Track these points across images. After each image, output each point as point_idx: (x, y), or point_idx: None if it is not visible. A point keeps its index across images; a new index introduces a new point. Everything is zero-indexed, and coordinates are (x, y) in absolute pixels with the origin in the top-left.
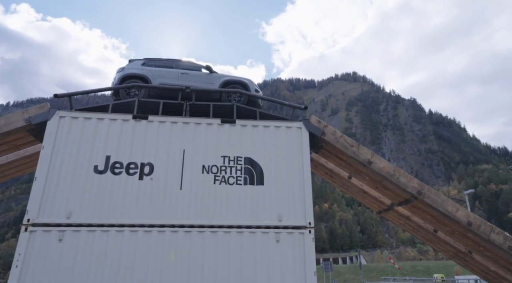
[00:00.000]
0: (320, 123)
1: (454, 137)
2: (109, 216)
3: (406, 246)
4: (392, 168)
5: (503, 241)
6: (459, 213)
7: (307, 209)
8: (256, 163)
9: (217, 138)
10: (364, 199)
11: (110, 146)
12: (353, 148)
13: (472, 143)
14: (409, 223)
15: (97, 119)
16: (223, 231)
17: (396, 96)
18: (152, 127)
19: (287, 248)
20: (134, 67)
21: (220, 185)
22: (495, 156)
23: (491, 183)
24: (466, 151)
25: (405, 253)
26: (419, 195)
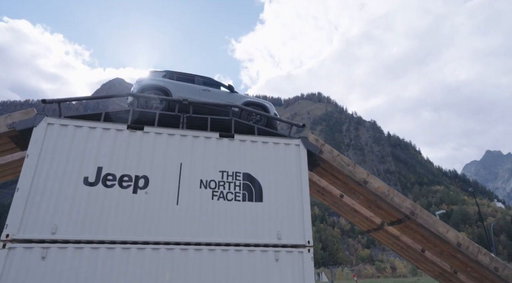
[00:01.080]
0: (317, 141)
1: (410, 159)
2: (99, 231)
3: (365, 263)
4: (387, 188)
5: (490, 261)
6: (449, 233)
7: (306, 227)
8: (255, 179)
9: (215, 152)
10: (354, 218)
11: (102, 157)
12: (350, 167)
13: (426, 165)
14: (397, 242)
15: (89, 128)
16: (221, 249)
17: (358, 118)
18: (148, 139)
19: (287, 267)
20: (155, 79)
21: (218, 200)
22: (446, 178)
23: (443, 204)
24: (421, 173)
25: (364, 271)
26: (412, 215)
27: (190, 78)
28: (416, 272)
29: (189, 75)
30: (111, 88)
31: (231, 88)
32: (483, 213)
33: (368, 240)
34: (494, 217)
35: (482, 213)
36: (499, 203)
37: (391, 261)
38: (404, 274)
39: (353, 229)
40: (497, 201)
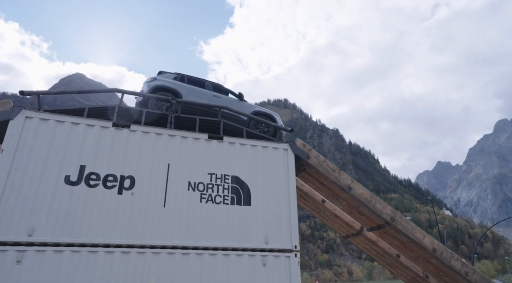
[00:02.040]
0: (305, 146)
1: (369, 168)
2: (81, 234)
3: (323, 268)
4: (369, 194)
5: (461, 266)
6: (426, 239)
7: (293, 231)
8: (244, 183)
9: (204, 154)
10: (334, 223)
11: (85, 155)
12: (335, 173)
13: (383, 174)
14: (374, 247)
15: (72, 123)
16: (209, 253)
17: (321, 126)
18: (134, 138)
19: (274, 272)
20: (166, 80)
21: (206, 203)
22: (401, 187)
23: (398, 211)
24: (378, 181)
25: (322, 275)
26: (392, 221)
27: (200, 82)
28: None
29: (200, 79)
30: (70, 84)
31: (240, 96)
32: (432, 220)
33: (327, 245)
34: (443, 224)
35: (432, 220)
36: (447, 211)
37: (348, 265)
38: (360, 278)
39: (313, 235)
40: (445, 209)
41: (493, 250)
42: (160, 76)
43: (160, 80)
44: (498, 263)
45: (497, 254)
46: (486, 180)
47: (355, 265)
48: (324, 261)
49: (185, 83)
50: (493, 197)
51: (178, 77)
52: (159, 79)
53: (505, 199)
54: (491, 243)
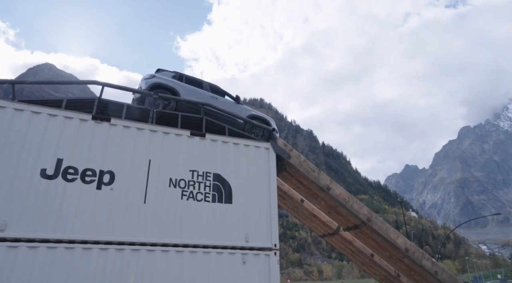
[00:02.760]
0: (286, 146)
1: (340, 169)
2: (57, 229)
3: (294, 267)
4: (347, 195)
5: (431, 266)
6: (399, 239)
7: (273, 230)
8: (225, 180)
9: (186, 151)
10: (311, 223)
11: (63, 148)
12: (315, 173)
13: (354, 175)
14: (350, 247)
15: (48, 115)
16: (189, 251)
17: (296, 126)
18: (115, 132)
19: (254, 270)
20: (165, 78)
21: (187, 200)
22: (371, 188)
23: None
24: (349, 182)
25: (293, 274)
26: (368, 221)
27: (198, 82)
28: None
29: (198, 79)
30: (38, 74)
31: (237, 99)
32: (399, 221)
33: (298, 244)
34: (409, 225)
35: (399, 221)
36: (413, 212)
37: (318, 265)
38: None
39: (285, 234)
40: (411, 211)
41: (455, 250)
42: (159, 74)
43: (159, 78)
44: (458, 263)
45: (458, 255)
46: (450, 184)
47: (325, 264)
48: (295, 260)
49: (183, 83)
50: (455, 200)
51: (176, 76)
52: (158, 76)
53: (467, 202)
54: (453, 244)
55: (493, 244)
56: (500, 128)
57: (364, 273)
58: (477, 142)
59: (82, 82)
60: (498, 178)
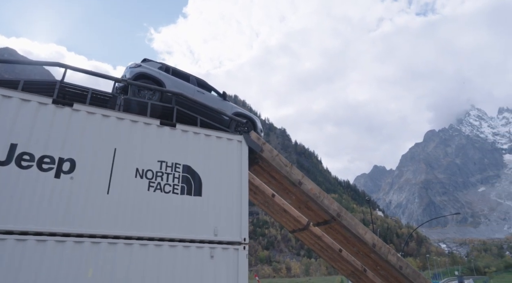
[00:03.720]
0: (259, 139)
1: (312, 168)
2: (8, 220)
3: (263, 264)
4: (318, 190)
5: (396, 261)
6: (367, 235)
7: (243, 224)
8: (195, 172)
9: (155, 140)
10: (282, 218)
11: (17, 132)
12: (287, 167)
13: (325, 174)
14: (319, 242)
15: (3, 96)
16: (154, 244)
17: (269, 124)
18: (77, 118)
19: (222, 264)
20: (151, 69)
21: (154, 192)
22: (340, 187)
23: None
24: (320, 181)
25: (262, 271)
26: (338, 217)
27: (185, 76)
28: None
29: (185, 73)
30: None
31: (224, 95)
32: (366, 220)
33: (268, 242)
34: (375, 224)
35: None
36: (380, 212)
37: (287, 262)
38: (298, 274)
39: (255, 231)
40: (378, 210)
41: (417, 248)
42: (145, 63)
43: (145, 68)
44: (420, 260)
45: (420, 252)
46: (415, 185)
47: (294, 262)
48: (264, 257)
49: (170, 75)
50: (419, 200)
51: (163, 68)
52: (144, 66)
53: (430, 203)
54: (416, 242)
55: (452, 242)
56: (462, 133)
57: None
58: (441, 145)
59: (43, 63)
60: (458, 180)
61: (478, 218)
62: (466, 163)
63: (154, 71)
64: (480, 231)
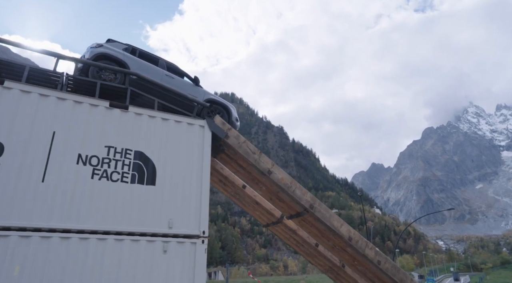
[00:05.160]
0: (224, 125)
1: (309, 166)
2: None
3: (260, 262)
4: (290, 180)
5: (374, 255)
6: (342, 228)
7: (203, 216)
8: (149, 159)
9: (102, 124)
10: (254, 211)
11: None
12: (255, 155)
13: (323, 172)
14: (294, 236)
15: None
16: (97, 238)
17: (267, 122)
18: (9, 97)
19: (176, 259)
20: (114, 49)
21: (99, 180)
22: (338, 185)
23: (334, 208)
24: (318, 179)
25: (259, 269)
26: (311, 208)
27: (154, 59)
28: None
29: (154, 56)
30: None
31: (196, 80)
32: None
33: (265, 240)
34: (372, 221)
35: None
36: (378, 209)
37: (284, 260)
38: (295, 272)
39: (253, 229)
40: (376, 208)
41: (414, 245)
42: (108, 44)
43: (107, 48)
44: (417, 257)
45: (417, 250)
46: (412, 182)
47: (291, 260)
48: (262, 256)
49: (136, 57)
50: (417, 197)
51: (129, 49)
52: (106, 46)
53: (427, 200)
54: (413, 239)
55: (449, 239)
56: (460, 130)
57: None
58: (439, 142)
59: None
60: (456, 177)
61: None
62: (464, 160)
63: (117, 52)
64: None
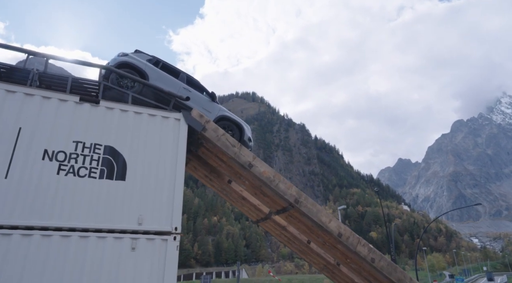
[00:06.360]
0: (202, 117)
1: (333, 163)
2: None
3: (285, 260)
4: (273, 173)
5: (367, 252)
6: (331, 223)
7: (175, 212)
8: (120, 154)
9: (71, 119)
10: (243, 207)
11: None
12: (235, 148)
13: (347, 169)
14: (285, 233)
15: None
16: (61, 235)
17: (288, 120)
18: None
19: (145, 257)
20: (138, 59)
21: (66, 176)
22: (363, 182)
23: (359, 205)
24: (341, 175)
25: (284, 267)
26: (296, 203)
27: (175, 72)
28: None
29: (176, 69)
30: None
31: (213, 96)
32: (391, 215)
33: None
34: (400, 218)
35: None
36: (406, 206)
37: None
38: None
39: None
40: (404, 204)
41: (446, 243)
42: (135, 54)
43: (131, 58)
44: (449, 256)
45: (449, 248)
46: (443, 177)
47: None
48: (287, 254)
49: (157, 68)
50: (448, 193)
51: (152, 60)
52: (131, 56)
53: (459, 195)
54: (444, 237)
55: (485, 237)
56: (493, 122)
57: None
58: (470, 135)
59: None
60: (491, 172)
61: None
62: (499, 153)
63: (139, 62)
64: None
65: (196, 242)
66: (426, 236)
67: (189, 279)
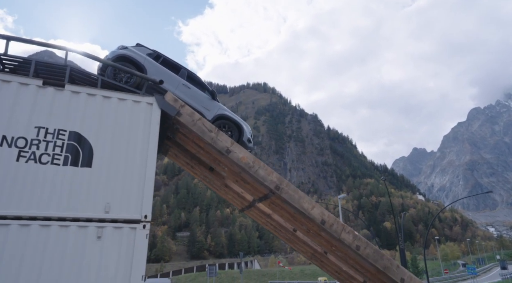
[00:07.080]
0: (176, 102)
1: (346, 153)
2: None
3: (298, 251)
4: (252, 159)
5: (352, 240)
6: (314, 210)
7: (146, 199)
8: (86, 140)
9: (33, 103)
10: (227, 195)
11: None
12: (212, 133)
13: (360, 159)
14: (270, 221)
15: None
16: (19, 224)
17: (300, 111)
18: None
19: (112, 246)
20: (137, 53)
21: (26, 163)
22: (377, 172)
23: (373, 195)
24: (355, 166)
25: (297, 258)
26: (276, 190)
27: (176, 67)
28: None
29: (177, 64)
30: None
31: (213, 94)
32: (406, 204)
33: None
34: (415, 208)
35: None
36: (421, 196)
37: None
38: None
39: None
40: (419, 194)
41: (461, 232)
42: (135, 47)
43: (130, 51)
44: (464, 245)
45: (465, 237)
46: (459, 166)
47: None
48: None
49: (157, 63)
50: (464, 182)
51: (153, 55)
52: (130, 49)
53: (476, 185)
54: (460, 226)
55: (502, 226)
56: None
57: None
58: (487, 123)
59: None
60: (508, 160)
61: None
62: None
63: (138, 56)
64: None
65: (209, 234)
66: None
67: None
